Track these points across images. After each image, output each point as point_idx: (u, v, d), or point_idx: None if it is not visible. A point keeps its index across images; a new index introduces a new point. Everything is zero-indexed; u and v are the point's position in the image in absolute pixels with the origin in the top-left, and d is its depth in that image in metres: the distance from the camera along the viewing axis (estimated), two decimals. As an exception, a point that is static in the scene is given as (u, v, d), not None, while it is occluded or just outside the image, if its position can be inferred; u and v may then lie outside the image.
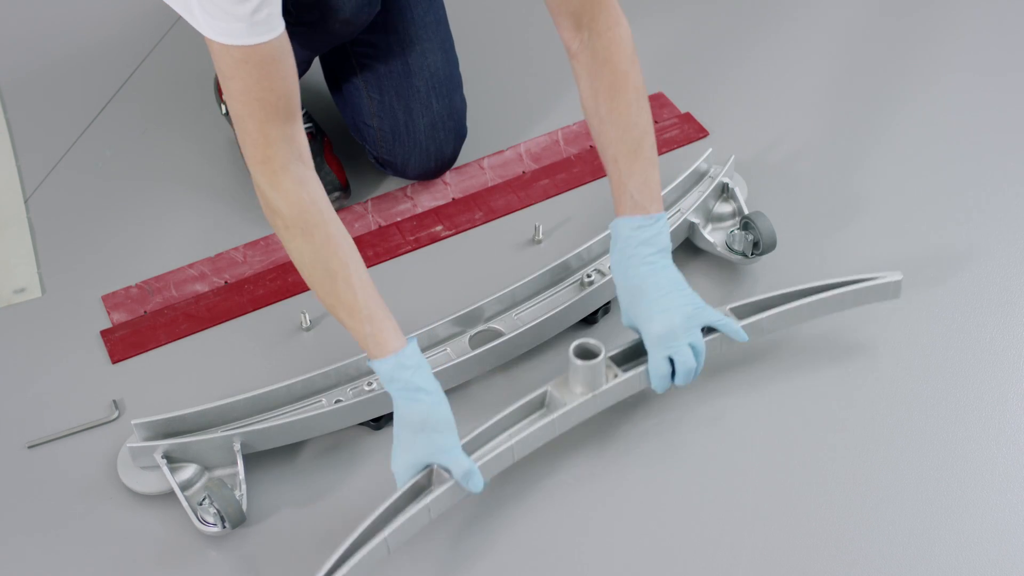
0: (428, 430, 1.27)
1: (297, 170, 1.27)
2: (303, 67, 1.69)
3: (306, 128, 1.74)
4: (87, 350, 1.56)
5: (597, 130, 1.38)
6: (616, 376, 1.37)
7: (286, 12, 1.22)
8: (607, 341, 1.54)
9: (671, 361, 1.35)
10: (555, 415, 1.35)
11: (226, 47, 1.19)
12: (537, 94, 1.92)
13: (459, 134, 1.73)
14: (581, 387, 1.36)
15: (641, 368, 1.38)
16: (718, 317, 1.38)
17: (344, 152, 1.78)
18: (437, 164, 1.72)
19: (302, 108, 1.75)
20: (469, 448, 1.33)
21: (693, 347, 1.35)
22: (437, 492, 1.28)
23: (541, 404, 1.39)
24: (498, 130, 1.85)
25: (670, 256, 1.38)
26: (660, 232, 1.37)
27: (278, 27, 1.20)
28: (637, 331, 1.38)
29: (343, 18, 1.51)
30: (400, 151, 1.69)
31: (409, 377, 1.28)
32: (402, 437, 1.29)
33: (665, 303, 1.35)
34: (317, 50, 1.65)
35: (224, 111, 1.79)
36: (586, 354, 1.36)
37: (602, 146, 1.38)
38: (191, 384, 1.51)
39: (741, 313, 1.45)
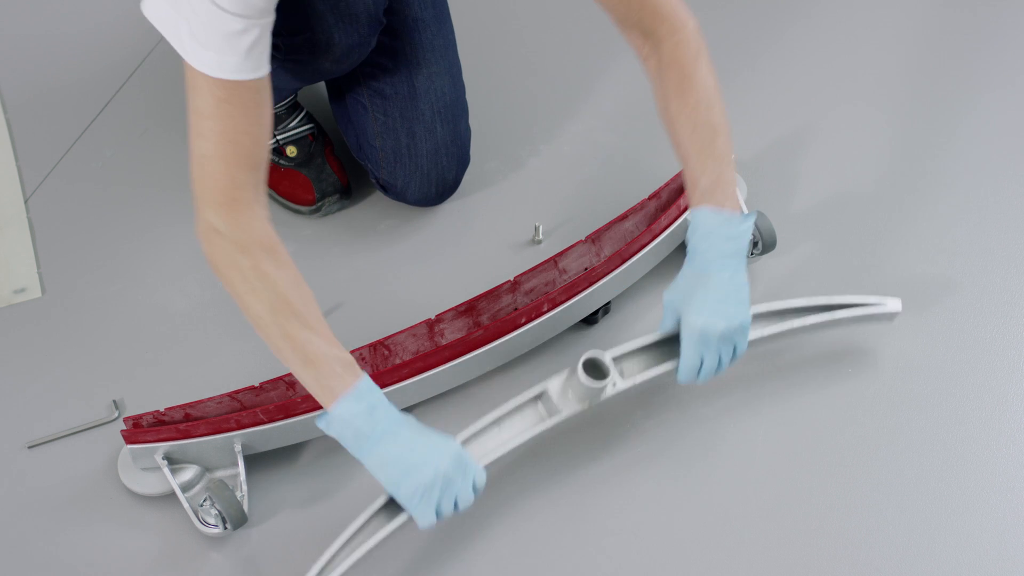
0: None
1: (261, 213, 1.23)
2: (292, 94, 1.68)
3: (308, 129, 1.73)
4: (87, 350, 1.56)
5: (669, 130, 1.39)
6: (615, 385, 1.36)
7: (275, 48, 1.20)
8: (607, 341, 1.55)
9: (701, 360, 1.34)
10: (550, 422, 1.34)
11: (211, 82, 1.15)
12: (544, 122, 1.87)
13: (462, 160, 1.70)
14: (580, 398, 1.35)
15: (640, 378, 1.37)
16: (742, 349, 1.36)
17: (345, 154, 1.78)
18: (438, 190, 1.69)
19: (304, 108, 1.77)
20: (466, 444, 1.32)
21: (721, 359, 1.34)
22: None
23: (537, 398, 1.37)
24: (504, 157, 1.80)
25: (745, 261, 1.36)
26: (745, 233, 1.35)
27: (266, 66, 1.18)
28: (676, 312, 1.35)
29: (334, 58, 1.50)
30: (401, 173, 1.66)
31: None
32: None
33: (724, 308, 1.33)
34: (308, 82, 1.63)
35: None
36: (595, 369, 1.34)
37: (675, 145, 1.39)
38: (191, 385, 1.51)
39: None
